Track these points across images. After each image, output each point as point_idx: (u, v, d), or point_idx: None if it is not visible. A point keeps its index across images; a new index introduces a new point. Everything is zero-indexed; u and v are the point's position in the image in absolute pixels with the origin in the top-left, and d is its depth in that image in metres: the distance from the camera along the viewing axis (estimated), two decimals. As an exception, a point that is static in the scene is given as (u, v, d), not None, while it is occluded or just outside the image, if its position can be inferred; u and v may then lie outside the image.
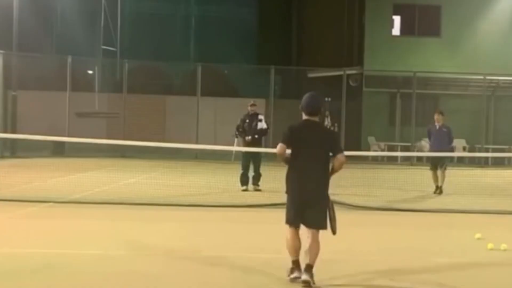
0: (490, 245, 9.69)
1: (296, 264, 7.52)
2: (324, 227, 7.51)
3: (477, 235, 10.42)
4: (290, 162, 7.64)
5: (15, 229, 10.58)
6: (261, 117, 16.22)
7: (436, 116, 16.85)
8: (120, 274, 7.86)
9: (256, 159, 15.80)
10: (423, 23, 30.05)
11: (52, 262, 8.25)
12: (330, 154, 7.66)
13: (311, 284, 7.33)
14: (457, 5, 29.68)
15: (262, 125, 15.98)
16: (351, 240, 10.13)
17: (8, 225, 10.97)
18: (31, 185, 15.66)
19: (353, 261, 8.79)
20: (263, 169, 15.97)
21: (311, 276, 7.37)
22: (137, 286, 7.44)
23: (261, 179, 15.93)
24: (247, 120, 16.03)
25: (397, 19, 30.66)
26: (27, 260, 8.37)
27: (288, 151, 7.68)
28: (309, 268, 7.41)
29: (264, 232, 10.59)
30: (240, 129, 16.10)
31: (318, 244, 7.46)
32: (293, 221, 7.54)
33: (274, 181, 14.82)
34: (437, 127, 16.68)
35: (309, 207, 7.48)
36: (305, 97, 7.76)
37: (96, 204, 13.09)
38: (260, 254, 9.06)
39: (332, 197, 7.71)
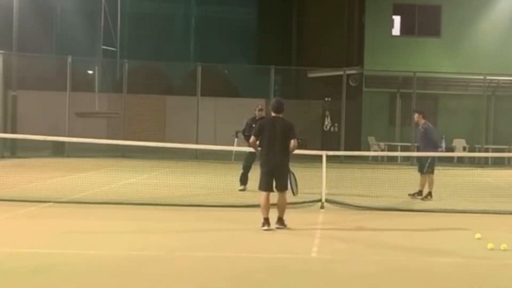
0: (490, 245, 9.69)
1: (266, 220, 10.57)
2: (286, 188, 10.74)
3: (477, 235, 10.43)
4: (261, 145, 10.70)
5: (15, 229, 10.58)
6: None
7: (415, 117, 15.90)
8: (119, 274, 7.87)
9: None
10: (423, 23, 30.02)
11: (52, 262, 8.25)
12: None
13: (285, 227, 10.63)
14: (457, 5, 29.67)
15: None
16: (351, 240, 10.14)
17: (8, 225, 10.97)
18: (31, 185, 15.65)
19: (353, 261, 8.79)
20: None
21: (282, 223, 10.74)
22: (137, 286, 7.44)
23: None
24: (253, 125, 15.80)
25: (397, 19, 30.63)
26: (27, 260, 8.37)
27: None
28: (280, 219, 10.72)
29: (264, 232, 10.59)
30: (246, 133, 15.51)
31: (284, 201, 10.70)
32: (265, 188, 10.61)
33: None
34: (419, 127, 15.72)
35: (275, 175, 10.58)
36: (272, 101, 11.15)
37: (96, 204, 13.09)
38: (260, 254, 9.06)
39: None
